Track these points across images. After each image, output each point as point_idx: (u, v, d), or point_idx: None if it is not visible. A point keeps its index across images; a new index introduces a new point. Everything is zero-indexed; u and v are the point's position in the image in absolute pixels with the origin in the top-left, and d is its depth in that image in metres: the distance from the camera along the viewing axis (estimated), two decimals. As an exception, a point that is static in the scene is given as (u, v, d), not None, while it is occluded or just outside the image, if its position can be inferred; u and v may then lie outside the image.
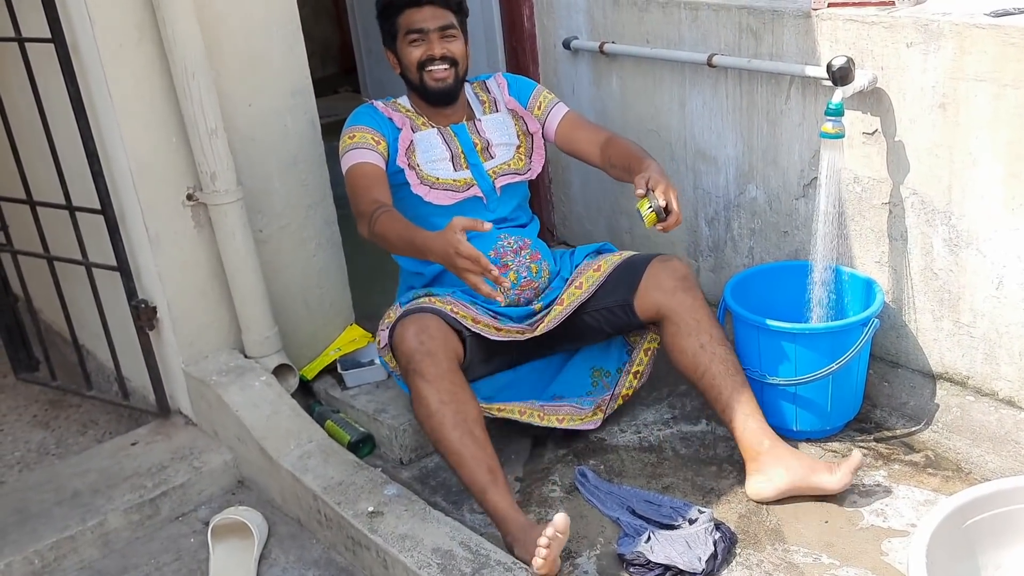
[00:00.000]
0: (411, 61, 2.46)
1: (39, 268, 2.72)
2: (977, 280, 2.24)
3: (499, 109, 2.60)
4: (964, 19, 2.10)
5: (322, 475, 2.26)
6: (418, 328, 2.20)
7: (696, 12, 2.66)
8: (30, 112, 2.44)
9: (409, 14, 2.44)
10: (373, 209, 2.28)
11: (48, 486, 2.42)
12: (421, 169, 2.45)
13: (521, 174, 2.54)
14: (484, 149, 2.52)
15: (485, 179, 2.49)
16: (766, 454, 2.17)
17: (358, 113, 2.50)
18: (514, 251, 2.45)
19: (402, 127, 2.48)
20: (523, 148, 2.58)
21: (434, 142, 2.49)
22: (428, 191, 2.43)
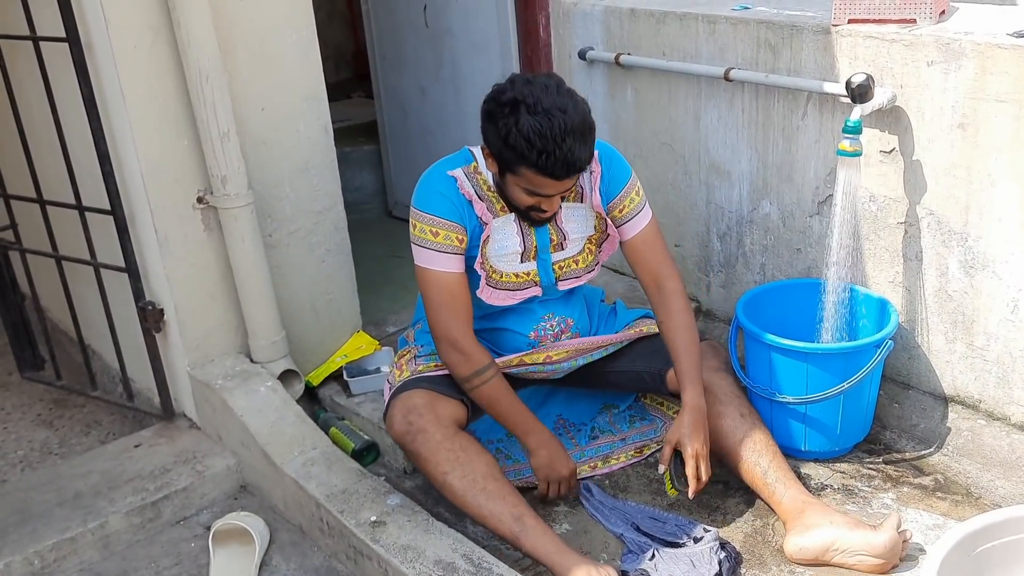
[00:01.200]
0: (519, 201, 2.11)
1: (47, 267, 2.71)
2: (992, 303, 2.22)
3: (584, 200, 2.27)
4: (986, 39, 2.08)
5: (325, 483, 2.24)
6: (405, 410, 2.17)
7: (714, 25, 2.64)
8: (42, 111, 2.44)
9: (541, 178, 2.01)
10: (483, 367, 2.17)
11: (50, 486, 2.41)
12: (489, 262, 2.22)
13: (587, 273, 2.34)
14: (558, 244, 2.28)
15: (549, 274, 2.28)
16: (811, 508, 2.06)
17: (437, 195, 2.16)
18: (554, 335, 2.37)
19: (485, 221, 2.18)
20: (595, 238, 2.33)
21: (509, 232, 2.22)
22: (491, 293, 2.24)
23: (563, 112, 1.95)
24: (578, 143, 1.97)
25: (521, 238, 2.24)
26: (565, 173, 2.00)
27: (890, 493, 2.24)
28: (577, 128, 1.96)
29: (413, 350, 2.41)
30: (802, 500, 2.10)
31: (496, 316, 2.35)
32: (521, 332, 2.34)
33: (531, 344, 2.35)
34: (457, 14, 3.41)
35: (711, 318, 2.99)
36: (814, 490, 2.27)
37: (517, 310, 2.33)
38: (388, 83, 3.94)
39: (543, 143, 1.94)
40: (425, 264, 2.17)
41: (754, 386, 2.38)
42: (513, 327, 2.34)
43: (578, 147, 1.97)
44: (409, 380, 2.27)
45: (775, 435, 2.33)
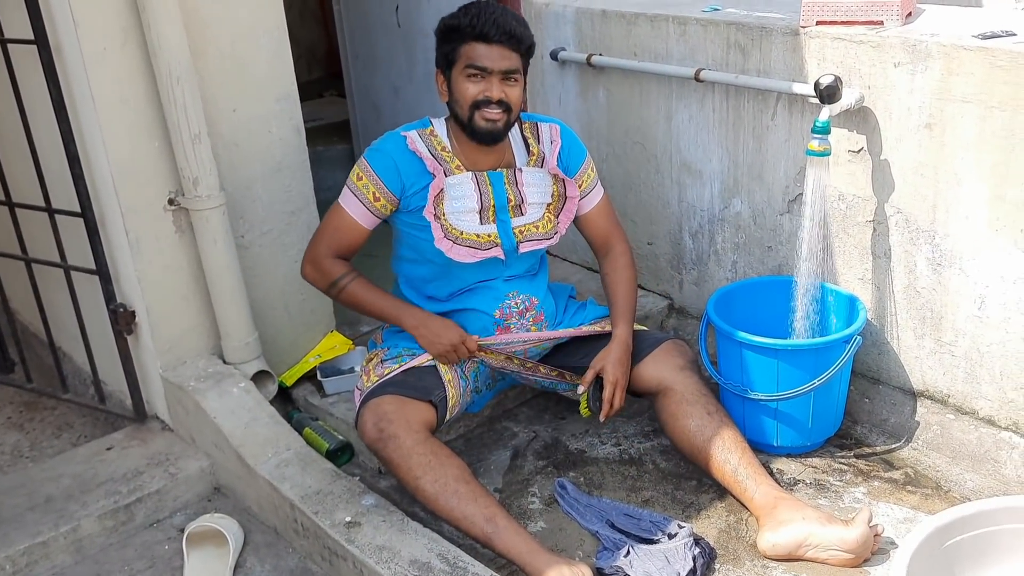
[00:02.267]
0: (465, 96, 2.23)
1: (17, 269, 2.69)
2: (959, 299, 2.25)
3: (543, 166, 2.39)
4: (952, 40, 2.11)
5: (300, 484, 2.24)
6: (376, 417, 2.18)
7: (684, 27, 2.66)
8: (10, 113, 2.41)
9: (475, 46, 2.20)
10: (340, 274, 2.36)
11: (21, 490, 2.39)
12: (447, 219, 2.29)
13: (547, 238, 2.40)
14: (516, 206, 2.35)
15: (510, 238, 2.35)
16: (783, 503, 2.09)
17: (382, 151, 2.32)
18: (519, 312, 2.41)
19: (435, 173, 2.28)
20: (553, 207, 2.41)
21: (466, 190, 2.31)
22: (451, 246, 2.29)
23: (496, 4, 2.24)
24: (508, 14, 2.22)
25: (479, 195, 2.32)
26: (496, 32, 2.18)
27: (861, 487, 2.27)
28: (507, 10, 2.23)
29: (380, 353, 2.42)
30: (774, 496, 2.12)
31: (461, 297, 2.39)
32: (486, 311, 2.38)
33: (496, 323, 2.38)
34: (430, 14, 3.41)
35: (683, 315, 3.01)
36: (786, 485, 2.30)
37: (481, 289, 2.38)
38: (361, 82, 3.93)
39: (475, 9, 2.21)
40: (340, 198, 2.36)
41: (726, 383, 2.40)
42: (478, 306, 2.38)
43: (508, 16, 2.21)
44: (377, 386, 2.28)
45: (747, 431, 2.36)
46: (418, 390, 2.26)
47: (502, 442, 2.55)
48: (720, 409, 2.29)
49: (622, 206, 3.05)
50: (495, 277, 2.39)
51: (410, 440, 2.14)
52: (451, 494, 2.08)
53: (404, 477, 2.13)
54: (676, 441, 2.31)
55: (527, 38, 2.26)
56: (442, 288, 2.40)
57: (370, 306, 2.38)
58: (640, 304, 3.00)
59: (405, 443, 2.14)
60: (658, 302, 3.05)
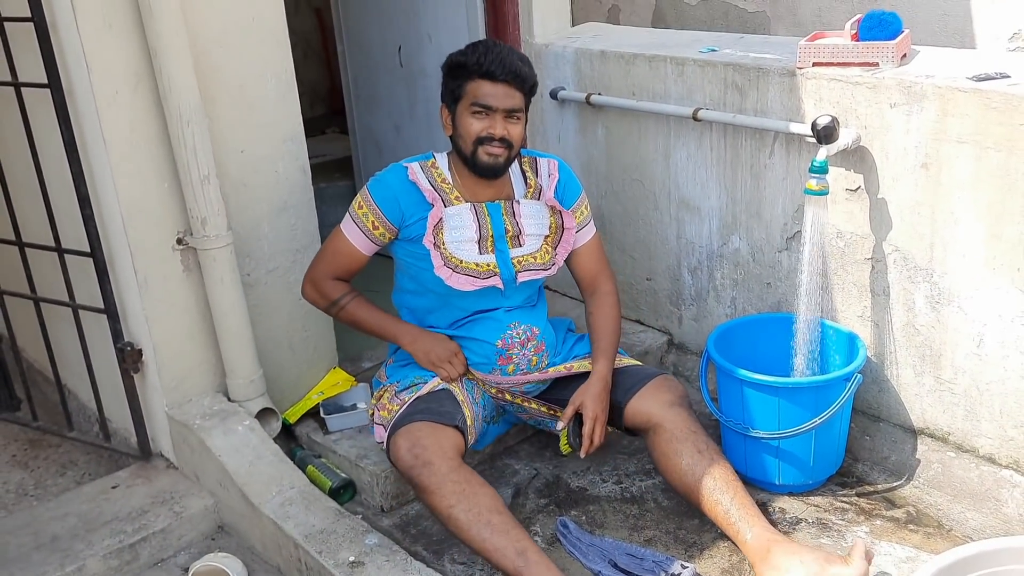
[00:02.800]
0: (469, 132, 2.31)
1: (24, 307, 2.71)
2: (958, 337, 2.27)
3: (540, 199, 2.47)
4: (947, 82, 2.15)
5: (303, 522, 2.25)
6: (410, 443, 2.20)
7: (682, 67, 2.71)
8: (22, 154, 2.45)
9: (480, 84, 2.28)
10: (340, 295, 2.45)
11: (26, 530, 2.39)
12: (446, 248, 2.35)
13: (545, 269, 2.46)
14: (514, 236, 2.41)
15: (508, 267, 2.40)
16: (777, 548, 2.06)
17: (384, 182, 2.39)
18: (521, 343, 2.43)
19: (433, 203, 2.35)
20: (551, 239, 2.47)
21: (465, 220, 2.37)
22: (450, 275, 2.34)
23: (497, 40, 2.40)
24: (513, 54, 2.30)
25: (477, 225, 2.38)
26: (502, 71, 2.27)
27: (863, 526, 2.28)
28: (513, 49, 2.33)
29: (390, 388, 2.44)
30: (767, 539, 2.09)
31: (463, 326, 2.43)
32: (489, 340, 2.41)
33: (499, 352, 2.42)
34: (431, 54, 3.46)
35: (683, 351, 3.04)
36: (788, 524, 2.31)
37: (483, 320, 2.43)
38: (363, 121, 3.97)
39: (482, 48, 2.29)
40: (342, 224, 2.43)
41: (727, 420, 2.42)
42: (480, 336, 2.42)
43: (513, 56, 2.30)
44: (406, 412, 2.30)
45: (749, 469, 2.38)
46: (443, 415, 2.28)
47: (503, 480, 2.56)
48: (711, 446, 2.28)
49: (621, 242, 3.08)
50: (496, 307, 2.43)
51: (445, 467, 2.15)
52: (484, 524, 2.09)
53: (437, 505, 2.14)
54: (669, 480, 2.32)
55: (531, 77, 2.34)
56: (443, 318, 2.45)
57: (368, 324, 2.47)
58: (639, 340, 3.03)
59: (440, 470, 2.14)
60: (657, 338, 3.07)
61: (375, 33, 3.70)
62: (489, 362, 2.42)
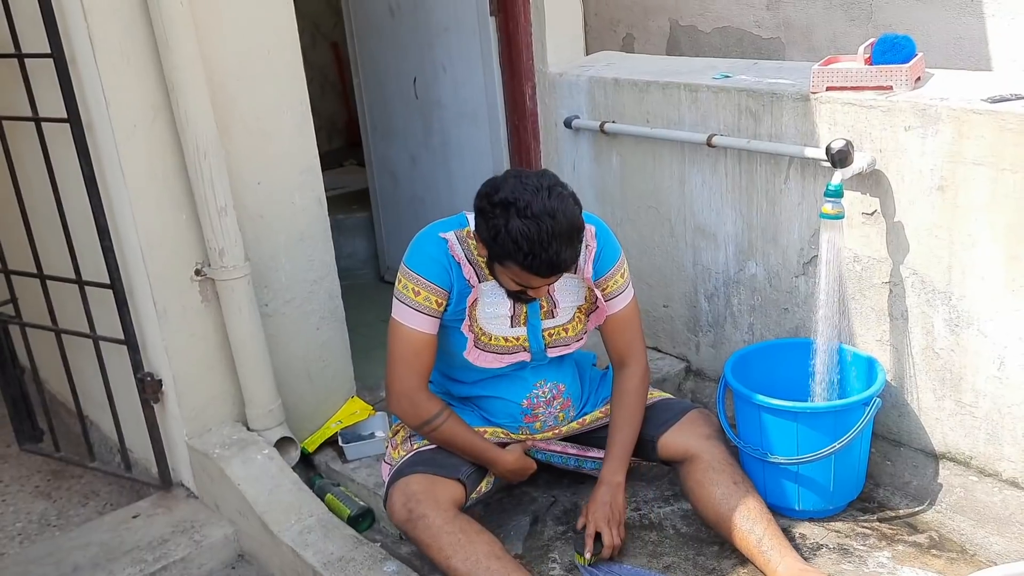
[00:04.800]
0: (507, 286, 2.20)
1: (46, 339, 2.74)
2: (979, 360, 2.26)
3: (576, 273, 2.31)
4: (961, 104, 2.14)
5: (322, 550, 2.25)
6: (404, 497, 2.19)
7: (696, 93, 2.72)
8: (43, 188, 2.49)
9: (525, 275, 2.08)
10: (434, 413, 2.27)
11: (49, 559, 2.41)
12: (478, 324, 2.27)
13: (577, 340, 2.39)
14: (549, 311, 2.33)
15: (538, 340, 2.33)
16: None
17: (427, 256, 2.22)
18: (547, 401, 2.41)
19: (471, 282, 2.23)
20: (585, 307, 2.38)
21: (499, 295, 2.27)
22: (478, 355, 2.29)
23: (552, 217, 2.00)
24: (564, 246, 2.03)
25: (511, 303, 2.29)
26: (550, 273, 2.07)
27: (885, 551, 2.26)
28: (564, 232, 2.02)
29: (405, 429, 2.44)
30: (799, 569, 2.10)
31: (488, 383, 2.38)
32: (514, 400, 2.38)
33: (524, 412, 2.39)
34: (446, 86, 3.50)
35: (701, 378, 3.03)
36: (809, 549, 2.28)
37: (509, 377, 2.38)
38: (379, 152, 4.01)
39: (530, 246, 2.00)
40: (400, 318, 2.24)
41: (745, 446, 2.40)
42: (505, 395, 2.38)
43: (564, 250, 2.04)
44: (406, 464, 2.29)
45: (768, 495, 2.36)
46: (446, 468, 2.27)
47: (521, 507, 2.55)
48: (746, 479, 2.28)
49: (637, 269, 3.08)
50: (523, 369, 2.39)
51: (439, 519, 2.14)
52: (483, 571, 2.08)
53: (435, 557, 2.13)
54: (700, 508, 2.30)
55: (577, 258, 2.15)
56: (468, 375, 2.40)
57: (462, 445, 2.30)
58: (657, 367, 3.02)
59: (434, 522, 2.13)
60: (675, 364, 3.06)
61: (390, 65, 3.75)
62: (515, 421, 2.41)
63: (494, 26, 3.22)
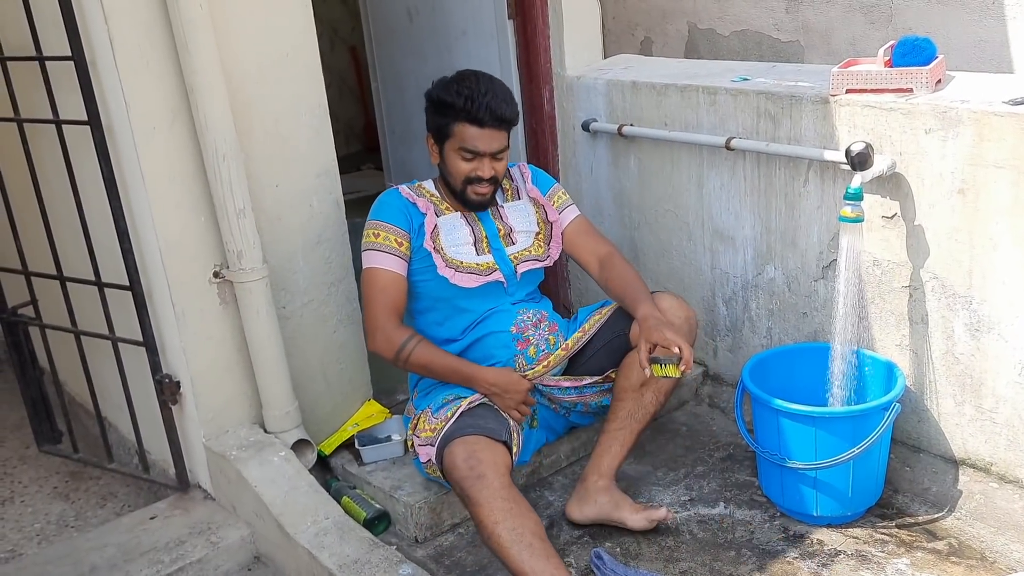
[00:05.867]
0: (458, 172, 2.44)
1: (65, 341, 2.76)
2: (999, 365, 2.24)
3: (521, 197, 2.61)
4: (982, 107, 2.13)
5: (338, 553, 2.25)
6: (467, 453, 2.21)
7: (714, 96, 2.71)
8: (63, 190, 2.51)
9: (467, 128, 2.38)
10: (404, 339, 2.41)
11: (66, 560, 2.42)
12: (445, 252, 2.46)
13: (541, 261, 2.57)
14: (506, 235, 2.54)
15: (507, 264, 2.51)
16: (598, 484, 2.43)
17: (383, 204, 2.51)
18: (534, 324, 2.50)
19: (426, 212, 2.48)
20: (542, 235, 2.59)
21: (458, 225, 2.51)
22: (454, 274, 2.44)
23: (487, 79, 2.41)
24: (499, 97, 2.37)
25: (470, 228, 2.51)
26: (490, 118, 2.35)
27: (904, 558, 2.24)
28: (498, 89, 2.39)
29: (423, 414, 2.44)
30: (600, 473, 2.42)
31: (476, 327, 2.50)
32: (502, 329, 2.48)
33: (515, 338, 2.48)
34: (465, 89, 3.49)
35: (718, 382, 3.01)
36: (827, 555, 2.27)
37: (493, 315, 2.50)
38: (397, 156, 4.02)
39: (469, 93, 2.35)
40: (366, 264, 2.44)
41: (763, 451, 2.39)
42: (493, 328, 2.49)
43: (500, 99, 2.36)
44: (456, 426, 2.30)
45: (786, 500, 2.36)
46: (492, 431, 2.29)
47: (538, 511, 2.52)
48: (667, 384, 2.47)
49: (655, 273, 3.07)
50: (502, 303, 2.52)
51: (497, 483, 2.16)
52: (525, 546, 2.10)
53: (484, 518, 2.14)
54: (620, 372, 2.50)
55: (515, 117, 2.43)
56: (455, 326, 2.52)
57: (439, 365, 2.43)
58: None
59: (492, 484, 2.16)
60: (693, 369, 3.04)
61: (408, 69, 3.76)
62: (509, 350, 2.46)
63: (512, 29, 3.22)
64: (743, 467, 2.65)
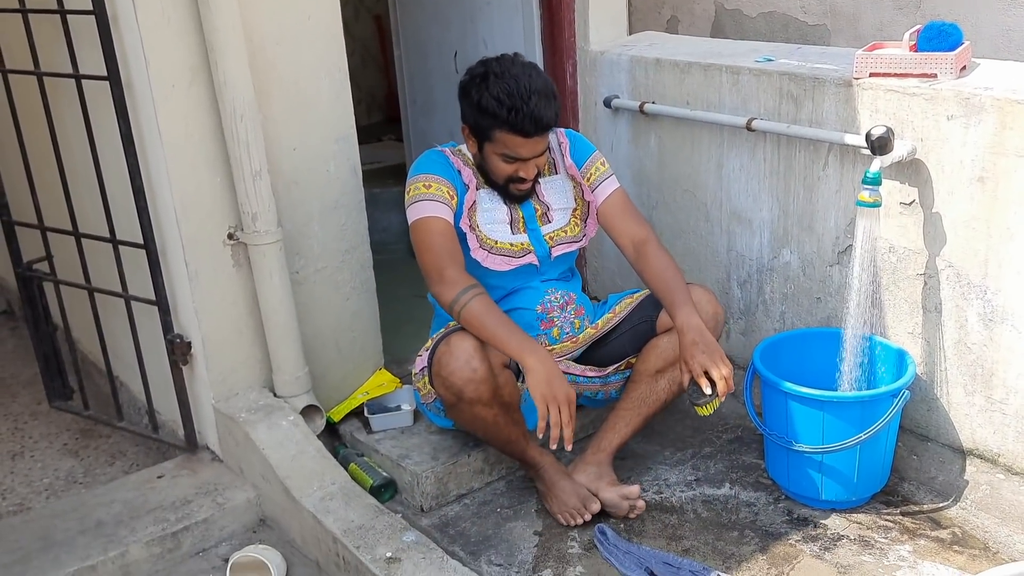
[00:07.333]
0: (499, 171, 2.36)
1: (79, 298, 2.77)
2: (1011, 356, 2.22)
3: (558, 171, 2.53)
4: (1006, 94, 2.11)
5: (343, 518, 2.26)
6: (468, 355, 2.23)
7: (737, 76, 2.69)
8: (80, 146, 2.51)
9: (512, 138, 2.27)
10: (464, 287, 2.25)
11: (73, 514, 2.44)
12: (481, 231, 2.41)
13: (577, 241, 2.52)
14: (543, 214, 2.48)
15: (542, 245, 2.47)
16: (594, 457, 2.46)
17: (431, 160, 2.44)
18: (560, 306, 2.48)
19: (469, 184, 2.41)
20: (579, 211, 2.53)
21: (496, 201, 2.45)
22: (486, 256, 2.40)
23: (527, 75, 2.25)
24: (543, 102, 2.24)
25: (507, 207, 2.46)
26: (534, 129, 2.25)
27: (907, 545, 2.23)
28: (541, 89, 2.25)
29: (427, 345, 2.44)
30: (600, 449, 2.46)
31: (503, 302, 2.46)
32: (529, 307, 2.47)
33: (540, 317, 2.47)
34: (487, 60, 3.48)
35: (731, 365, 3.00)
36: (830, 539, 2.26)
37: (521, 290, 2.48)
38: (418, 127, 4.01)
39: (511, 101, 2.22)
40: (418, 215, 2.36)
41: (770, 433, 2.38)
42: (519, 304, 2.47)
43: (543, 105, 2.24)
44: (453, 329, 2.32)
45: (792, 484, 2.35)
46: None
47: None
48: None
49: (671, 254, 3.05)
50: (532, 280, 2.49)
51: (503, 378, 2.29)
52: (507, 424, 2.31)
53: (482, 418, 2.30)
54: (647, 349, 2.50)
55: (558, 117, 2.33)
56: None
57: (496, 324, 2.23)
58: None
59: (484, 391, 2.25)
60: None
61: (432, 38, 3.74)
62: (533, 329, 2.45)
63: (537, 2, 3.20)
64: (750, 450, 2.65)
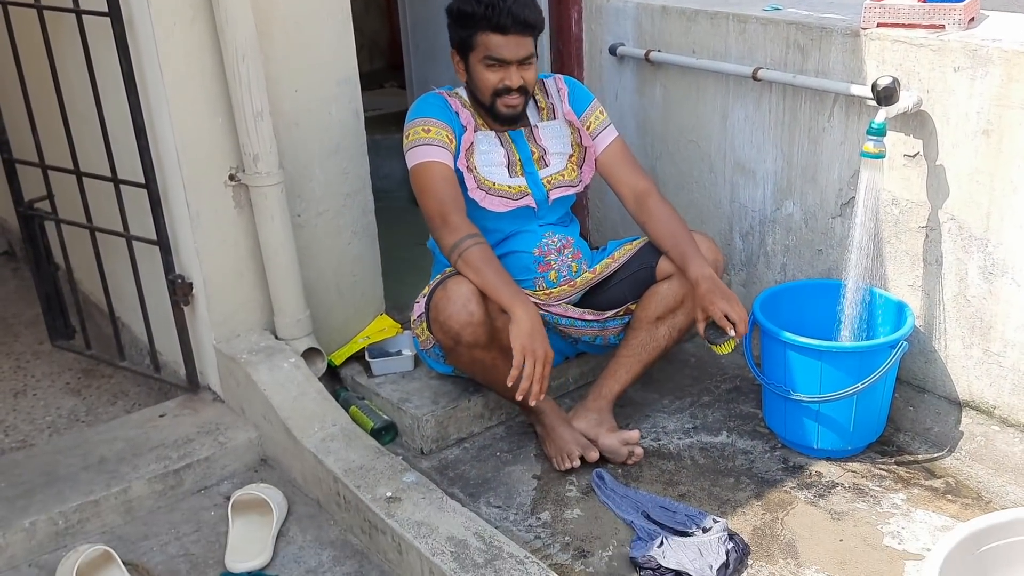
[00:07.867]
0: (485, 84, 2.38)
1: (81, 238, 2.77)
2: (1010, 310, 2.23)
3: (556, 116, 2.55)
4: (1013, 46, 2.09)
5: (343, 458, 2.28)
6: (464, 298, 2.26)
7: (744, 25, 2.67)
8: (82, 84, 2.49)
9: (491, 37, 2.32)
10: (466, 234, 2.29)
11: (76, 451, 2.47)
12: (478, 172, 2.43)
13: (573, 186, 2.53)
14: (540, 158, 2.50)
15: (540, 188, 2.48)
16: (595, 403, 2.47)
17: (428, 103, 2.46)
18: (557, 249, 2.50)
19: (467, 126, 2.44)
20: (575, 158, 2.55)
21: (493, 144, 2.47)
22: (484, 196, 2.42)
23: None
24: (519, 0, 2.29)
25: (504, 149, 2.47)
26: (511, 23, 2.29)
27: (900, 494, 2.26)
28: None
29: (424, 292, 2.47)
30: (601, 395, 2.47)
31: (498, 246, 2.47)
32: (525, 250, 2.48)
33: (537, 260, 2.48)
34: (491, 6, 3.44)
35: (730, 316, 3.01)
36: (824, 487, 2.29)
37: (519, 235, 2.49)
38: (420, 73, 3.98)
39: None
40: (418, 159, 2.39)
41: (768, 383, 2.40)
42: (516, 247, 2.49)
43: (520, 3, 2.29)
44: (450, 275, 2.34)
45: (788, 432, 2.37)
46: None
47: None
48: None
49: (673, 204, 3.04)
50: (530, 224, 2.50)
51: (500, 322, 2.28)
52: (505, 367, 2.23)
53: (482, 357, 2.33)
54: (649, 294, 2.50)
55: (540, 22, 2.37)
56: None
57: (492, 274, 2.26)
58: (687, 302, 3.01)
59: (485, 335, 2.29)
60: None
61: (436, -18, 3.70)
62: (530, 272, 2.47)
63: (542, -54, 3.16)
64: (748, 399, 2.67)
